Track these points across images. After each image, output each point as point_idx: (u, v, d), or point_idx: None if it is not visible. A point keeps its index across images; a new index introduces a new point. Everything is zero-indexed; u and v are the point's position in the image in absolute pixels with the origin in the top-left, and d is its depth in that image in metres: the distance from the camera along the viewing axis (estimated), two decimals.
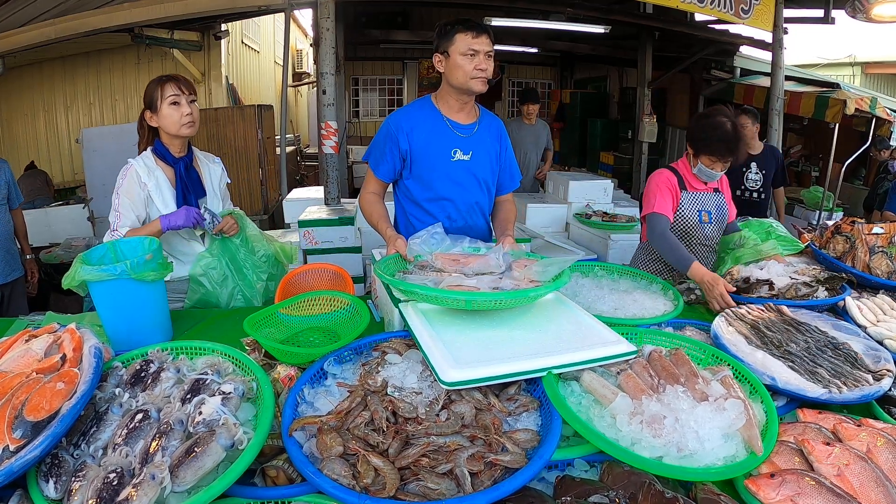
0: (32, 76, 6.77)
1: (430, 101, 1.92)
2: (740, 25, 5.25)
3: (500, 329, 1.25)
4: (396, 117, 1.88)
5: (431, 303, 1.31)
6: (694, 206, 2.19)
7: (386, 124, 1.89)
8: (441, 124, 1.88)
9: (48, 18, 4.65)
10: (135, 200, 1.80)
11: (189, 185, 1.87)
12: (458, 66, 1.76)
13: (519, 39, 7.93)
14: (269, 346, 1.26)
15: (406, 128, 1.85)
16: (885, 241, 1.91)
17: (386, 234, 1.75)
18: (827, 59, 12.11)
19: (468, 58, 1.75)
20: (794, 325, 1.44)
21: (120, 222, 1.79)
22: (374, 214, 1.87)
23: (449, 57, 1.77)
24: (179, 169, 1.85)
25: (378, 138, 1.92)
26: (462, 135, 1.89)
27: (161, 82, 1.80)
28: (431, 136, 1.86)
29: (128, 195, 1.79)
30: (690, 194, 2.20)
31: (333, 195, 4.30)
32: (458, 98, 1.86)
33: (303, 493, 0.89)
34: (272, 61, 10.35)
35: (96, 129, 6.17)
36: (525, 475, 0.87)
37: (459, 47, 1.75)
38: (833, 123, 5.26)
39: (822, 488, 0.87)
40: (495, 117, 2.05)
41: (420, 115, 1.88)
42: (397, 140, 1.85)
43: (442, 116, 1.88)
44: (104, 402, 1.02)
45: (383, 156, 1.88)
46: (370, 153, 1.95)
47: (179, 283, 1.90)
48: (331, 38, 4.21)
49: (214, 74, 6.98)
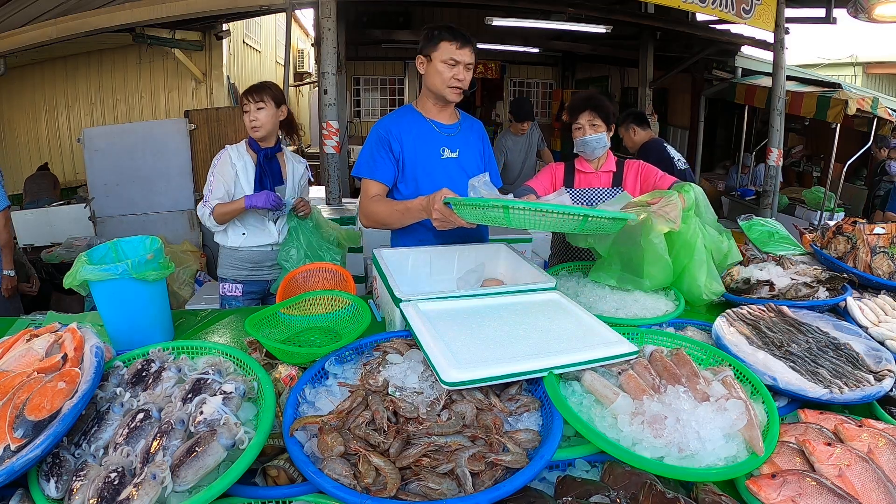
0: (34, 76, 6.77)
1: (411, 107, 1.97)
2: (742, 25, 5.25)
3: (501, 329, 1.25)
4: (383, 124, 1.91)
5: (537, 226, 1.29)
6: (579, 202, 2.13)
7: (374, 133, 1.90)
8: (426, 126, 1.91)
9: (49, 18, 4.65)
10: (226, 178, 2.18)
11: (268, 172, 2.23)
12: (437, 72, 1.80)
13: (520, 39, 7.93)
14: (271, 345, 1.26)
15: (395, 132, 1.87)
16: (886, 241, 1.91)
17: (415, 204, 1.66)
18: (828, 59, 12.09)
19: (448, 66, 1.79)
20: (796, 326, 1.44)
21: (212, 194, 2.17)
22: (386, 208, 1.81)
23: (431, 62, 1.81)
24: (260, 157, 2.22)
25: (367, 150, 1.90)
26: (447, 134, 1.94)
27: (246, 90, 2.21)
28: (419, 138, 1.89)
29: (220, 174, 2.18)
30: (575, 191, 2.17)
31: (335, 195, 4.30)
32: (436, 102, 1.90)
33: (304, 493, 0.89)
34: (273, 61, 10.35)
35: (98, 128, 6.17)
36: (526, 475, 0.87)
37: (442, 54, 1.78)
38: (834, 124, 5.26)
39: (824, 489, 0.87)
40: (475, 119, 2.10)
41: (404, 119, 1.91)
42: (389, 144, 1.86)
43: (425, 119, 1.92)
44: (105, 402, 1.02)
45: (378, 161, 1.87)
46: (361, 166, 1.91)
47: (248, 251, 2.29)
48: (332, 38, 4.21)
49: (216, 74, 6.98)
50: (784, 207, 6.07)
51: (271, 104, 2.21)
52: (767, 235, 2.28)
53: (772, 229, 2.31)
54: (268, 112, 2.20)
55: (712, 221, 1.84)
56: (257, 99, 2.17)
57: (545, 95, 10.85)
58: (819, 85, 5.98)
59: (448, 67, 1.78)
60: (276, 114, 2.25)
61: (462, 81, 1.82)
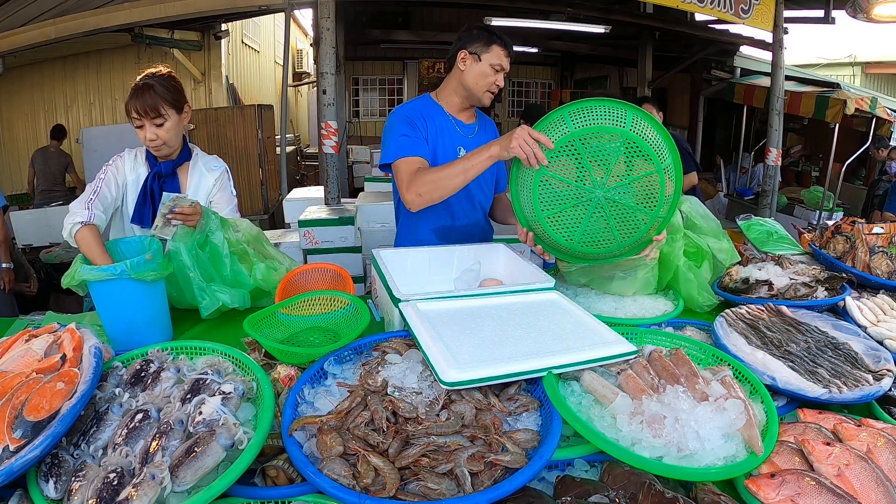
0: (33, 76, 6.78)
1: (431, 98, 1.92)
2: (740, 25, 5.25)
3: (500, 329, 1.25)
4: (408, 108, 1.85)
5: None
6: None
7: (398, 117, 1.81)
8: (447, 122, 1.88)
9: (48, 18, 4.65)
10: (111, 189, 1.75)
11: (156, 196, 1.73)
12: (483, 73, 1.79)
13: (519, 39, 7.94)
14: (270, 345, 1.26)
15: (421, 115, 1.83)
16: (885, 241, 1.91)
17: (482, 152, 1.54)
18: (827, 59, 12.12)
19: (494, 71, 1.79)
20: (795, 326, 1.44)
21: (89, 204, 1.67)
22: (442, 169, 1.61)
23: (479, 61, 1.78)
24: (149, 178, 1.77)
25: (395, 133, 1.77)
26: (466, 134, 1.90)
27: (129, 97, 1.69)
28: (440, 132, 1.86)
29: (108, 183, 1.75)
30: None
31: (334, 195, 4.31)
32: (465, 101, 1.88)
33: (303, 493, 0.88)
34: (272, 61, 10.35)
35: (96, 128, 6.19)
36: (525, 475, 0.87)
37: (492, 58, 1.77)
38: (833, 123, 5.27)
39: (823, 488, 0.87)
40: (490, 119, 2.08)
41: (427, 108, 1.87)
42: (416, 124, 1.79)
43: (447, 114, 1.89)
44: (104, 402, 1.02)
45: (412, 138, 1.75)
46: (391, 150, 1.75)
47: None
48: (331, 38, 4.22)
49: (214, 74, 6.99)
50: (783, 207, 6.09)
51: (172, 113, 1.72)
52: (766, 235, 2.28)
53: (770, 229, 2.31)
54: (170, 125, 1.72)
55: (712, 229, 1.85)
56: (153, 115, 1.68)
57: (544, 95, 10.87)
58: (818, 85, 6.00)
59: (493, 72, 1.78)
60: (179, 121, 1.76)
61: (499, 88, 1.83)
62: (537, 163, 1.40)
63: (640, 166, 1.41)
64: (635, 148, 1.39)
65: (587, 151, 1.42)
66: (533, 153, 1.39)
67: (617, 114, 1.39)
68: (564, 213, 1.49)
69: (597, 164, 1.43)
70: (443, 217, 1.93)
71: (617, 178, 1.43)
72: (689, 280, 1.71)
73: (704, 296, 1.73)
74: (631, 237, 1.48)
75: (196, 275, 1.58)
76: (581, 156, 1.42)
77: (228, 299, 1.61)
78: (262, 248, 1.77)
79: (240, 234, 1.70)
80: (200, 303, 1.59)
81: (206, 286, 1.59)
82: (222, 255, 1.63)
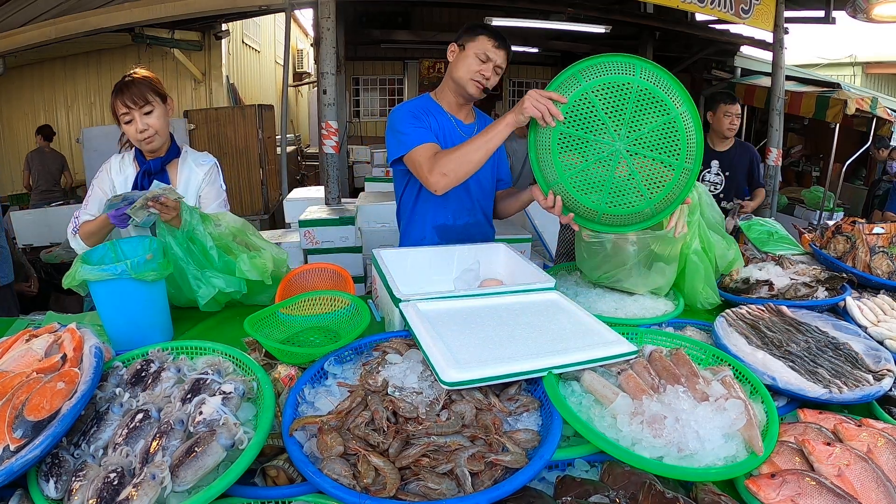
0: (33, 76, 6.79)
1: (431, 98, 1.92)
2: (741, 25, 5.25)
3: (500, 329, 1.25)
4: (410, 105, 1.85)
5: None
6: None
7: (404, 111, 1.80)
8: (448, 121, 1.88)
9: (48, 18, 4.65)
10: (106, 192, 1.80)
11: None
12: (466, 62, 1.78)
13: (519, 39, 7.92)
14: (270, 345, 1.26)
15: (425, 111, 1.83)
16: (885, 241, 1.91)
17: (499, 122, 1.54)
18: (827, 59, 12.12)
19: (479, 60, 1.77)
20: (795, 326, 1.44)
21: (83, 211, 1.79)
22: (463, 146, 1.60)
23: (463, 50, 1.79)
24: (138, 177, 1.80)
25: (404, 126, 1.76)
26: (465, 133, 1.89)
27: (114, 96, 1.70)
28: (442, 130, 1.85)
29: (99, 188, 1.82)
30: None
31: (334, 195, 4.30)
32: (457, 96, 1.87)
33: (303, 493, 0.88)
34: (273, 61, 10.36)
35: (97, 128, 6.19)
36: (525, 475, 0.87)
37: (476, 47, 1.77)
38: (834, 123, 5.27)
39: (823, 488, 0.87)
40: (490, 118, 2.05)
41: (428, 107, 1.88)
42: (420, 118, 1.79)
43: (447, 113, 1.89)
44: (104, 402, 1.02)
45: (420, 128, 1.74)
46: (402, 141, 1.74)
47: None
48: (331, 38, 4.22)
49: (215, 74, 6.99)
50: (783, 207, 6.09)
51: (158, 102, 1.74)
52: (766, 235, 2.28)
53: (771, 229, 2.31)
54: (158, 113, 1.74)
55: (716, 224, 1.84)
56: (141, 102, 1.69)
57: None
58: (818, 85, 6.00)
59: (478, 62, 1.77)
60: (166, 112, 1.79)
61: (487, 80, 1.80)
62: (553, 119, 1.41)
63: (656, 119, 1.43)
64: (649, 96, 1.40)
65: (601, 104, 1.42)
66: (547, 109, 1.41)
67: (626, 66, 1.42)
68: (587, 172, 1.48)
69: (612, 116, 1.43)
70: (447, 215, 1.93)
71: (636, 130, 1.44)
72: (696, 269, 1.69)
73: (707, 291, 1.71)
74: (658, 193, 1.47)
75: (190, 264, 1.61)
76: (596, 108, 1.42)
77: (223, 284, 1.62)
78: (247, 239, 1.75)
79: (222, 228, 1.69)
80: (197, 291, 1.60)
81: (201, 273, 1.62)
82: (208, 249, 1.64)
